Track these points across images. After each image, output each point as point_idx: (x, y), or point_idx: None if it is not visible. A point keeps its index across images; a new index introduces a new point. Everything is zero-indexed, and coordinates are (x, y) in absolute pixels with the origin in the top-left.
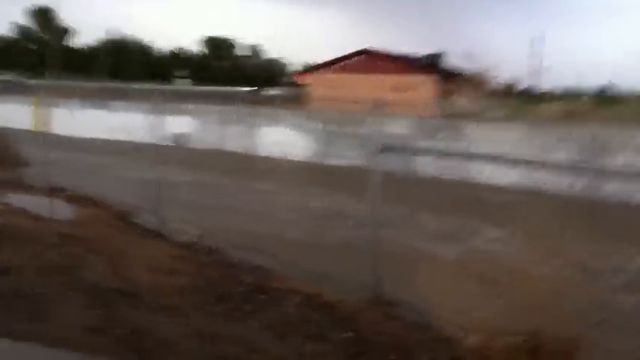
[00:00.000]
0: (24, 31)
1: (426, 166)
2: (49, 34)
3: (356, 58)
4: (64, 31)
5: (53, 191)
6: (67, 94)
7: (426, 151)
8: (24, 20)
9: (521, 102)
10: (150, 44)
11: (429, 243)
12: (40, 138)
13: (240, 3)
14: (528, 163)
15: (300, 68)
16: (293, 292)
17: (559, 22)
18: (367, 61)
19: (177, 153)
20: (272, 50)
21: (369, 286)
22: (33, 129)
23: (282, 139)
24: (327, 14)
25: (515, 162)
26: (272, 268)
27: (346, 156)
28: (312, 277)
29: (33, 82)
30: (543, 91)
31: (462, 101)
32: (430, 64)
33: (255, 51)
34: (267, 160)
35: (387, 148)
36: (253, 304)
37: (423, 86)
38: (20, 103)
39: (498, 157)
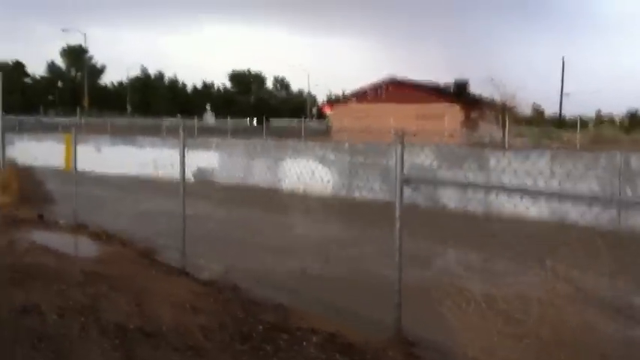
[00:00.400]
0: (57, 71)
1: (450, 197)
2: (81, 72)
3: (381, 88)
4: (95, 70)
5: (78, 228)
6: (97, 131)
7: (450, 183)
8: (59, 60)
9: (549, 128)
10: (177, 80)
11: (453, 278)
12: (68, 175)
13: (265, 37)
14: (554, 194)
15: (325, 99)
16: (314, 331)
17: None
18: (392, 90)
19: (202, 188)
20: (298, 82)
21: (392, 324)
22: (63, 166)
23: (306, 171)
24: (352, 45)
25: (540, 193)
26: (294, 305)
27: (370, 188)
28: (334, 314)
29: (64, 119)
30: (571, 116)
31: (487, 129)
32: (455, 92)
33: (280, 84)
34: (291, 193)
35: (411, 181)
36: (275, 344)
37: (448, 114)
38: (52, 141)
39: (523, 189)
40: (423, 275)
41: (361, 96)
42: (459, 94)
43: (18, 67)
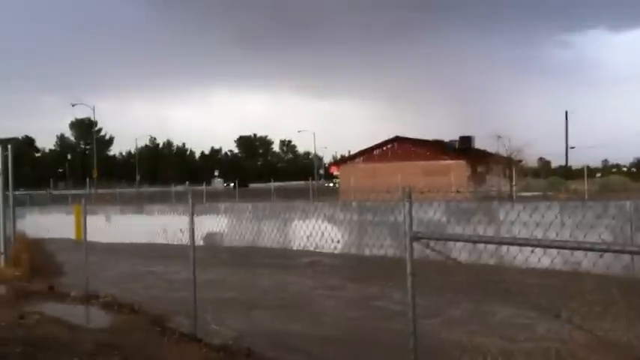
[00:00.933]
0: (66, 144)
1: (461, 251)
2: (90, 144)
3: (387, 147)
4: (104, 141)
5: (89, 298)
6: (106, 201)
7: (459, 238)
8: (69, 133)
9: (556, 179)
10: (185, 148)
11: (469, 334)
12: (78, 246)
13: (272, 102)
14: (564, 245)
15: (332, 160)
16: None
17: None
18: (398, 148)
19: (212, 252)
20: (304, 144)
21: None
22: (73, 237)
23: (316, 231)
24: (358, 106)
25: (550, 245)
26: None
27: (380, 246)
28: None
29: (74, 191)
30: (578, 166)
31: (494, 182)
32: (461, 148)
33: (287, 146)
34: (301, 253)
35: (420, 237)
36: None
37: (455, 170)
38: (62, 213)
39: (533, 241)
40: (438, 331)
41: (368, 155)
42: (464, 149)
43: (28, 142)
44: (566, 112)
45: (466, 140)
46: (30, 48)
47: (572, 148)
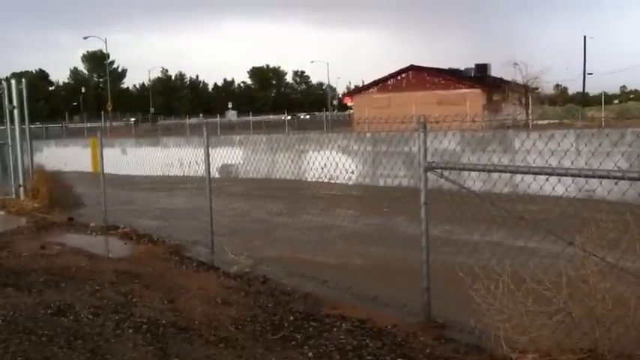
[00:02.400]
0: (80, 77)
1: (475, 180)
2: (103, 77)
3: (401, 76)
4: (116, 74)
5: (108, 229)
6: (121, 134)
7: (474, 168)
8: (82, 67)
9: (573, 106)
10: (198, 80)
11: (481, 261)
12: (95, 178)
13: (285, 32)
14: (579, 173)
15: (346, 90)
16: (344, 318)
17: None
18: (413, 77)
19: (227, 184)
20: (318, 75)
21: (421, 309)
22: (90, 170)
23: (330, 162)
24: (371, 36)
25: (565, 174)
26: (323, 294)
27: (395, 176)
28: (363, 301)
29: (89, 124)
30: (595, 93)
31: (510, 111)
32: (476, 76)
33: (300, 77)
34: (316, 184)
35: (434, 167)
36: (305, 333)
37: (470, 99)
38: (78, 146)
39: (547, 169)
40: (451, 259)
41: (382, 85)
42: (480, 78)
43: (42, 76)
44: (585, 38)
45: (482, 68)
46: None
47: (590, 74)
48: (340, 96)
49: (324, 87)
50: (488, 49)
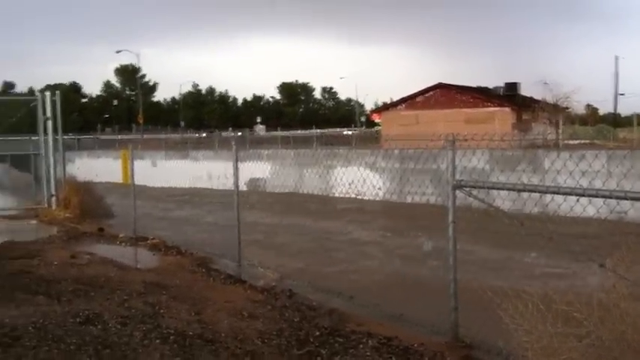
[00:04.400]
0: (112, 90)
1: (504, 199)
2: (135, 90)
3: (430, 94)
4: (148, 87)
5: (137, 240)
6: (151, 147)
7: (502, 186)
8: (114, 80)
9: (604, 126)
10: (228, 95)
11: (510, 281)
12: (126, 189)
13: (314, 48)
14: (610, 194)
15: (374, 107)
16: (370, 335)
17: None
18: (441, 95)
19: (255, 197)
20: (346, 91)
21: (448, 328)
22: (121, 181)
23: (357, 178)
24: (400, 53)
25: (596, 195)
26: (349, 310)
27: (422, 193)
28: (389, 318)
29: (120, 136)
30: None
31: (540, 130)
32: (506, 95)
33: (328, 93)
34: (343, 200)
35: (462, 185)
36: (331, 348)
37: (500, 117)
38: (109, 158)
39: (578, 190)
40: (478, 278)
41: (410, 102)
42: (509, 96)
43: (75, 88)
44: (616, 58)
45: (512, 87)
46: None
47: (622, 95)
48: (368, 112)
49: (352, 103)
50: (519, 67)
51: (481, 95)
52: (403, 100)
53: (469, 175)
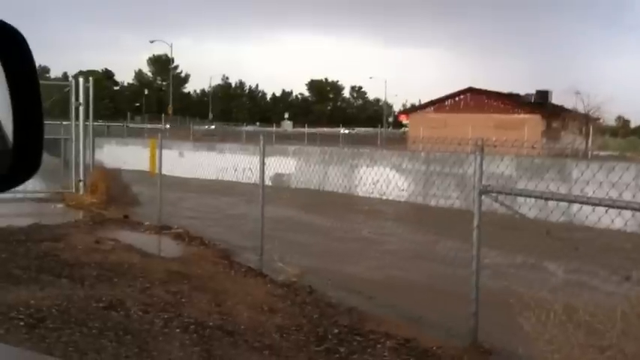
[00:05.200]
0: (144, 79)
1: (530, 208)
2: (166, 81)
3: (459, 97)
4: (179, 78)
5: (161, 229)
6: (180, 137)
7: (530, 193)
8: (146, 69)
9: (635, 139)
10: (257, 89)
11: (532, 288)
12: (152, 178)
13: (344, 47)
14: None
15: (402, 108)
16: (388, 335)
17: None
18: (471, 99)
19: (280, 192)
20: (375, 91)
21: (467, 333)
22: (148, 170)
23: (382, 179)
24: (432, 55)
25: (626, 206)
26: (369, 309)
27: (447, 197)
28: (408, 320)
29: (149, 126)
30: None
31: (570, 140)
32: (537, 102)
33: (357, 92)
34: (366, 200)
35: (489, 190)
36: (349, 347)
37: (529, 125)
38: (138, 146)
39: (607, 201)
40: (501, 284)
41: (439, 105)
42: (540, 104)
43: (108, 75)
44: None
45: (543, 95)
46: None
47: None
48: (396, 113)
49: (380, 103)
50: (550, 75)
51: (511, 101)
52: (432, 103)
53: (496, 182)
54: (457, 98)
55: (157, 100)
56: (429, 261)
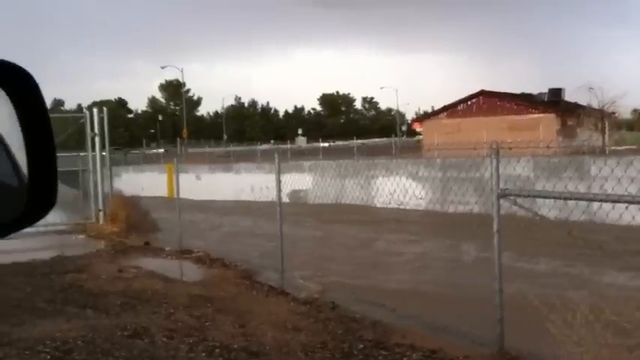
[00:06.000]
0: (157, 105)
1: (550, 209)
2: (179, 105)
3: (472, 101)
4: (192, 102)
5: (182, 253)
6: (195, 160)
7: (548, 194)
8: (159, 95)
9: None
10: (269, 107)
11: (557, 291)
12: (171, 203)
13: (353, 59)
14: None
15: (415, 116)
16: (414, 348)
17: None
18: (483, 103)
19: (297, 208)
20: (387, 101)
21: (494, 340)
22: (166, 194)
23: (399, 188)
24: (441, 61)
25: None
26: (393, 322)
27: (465, 202)
28: (433, 330)
29: (164, 150)
30: None
31: (586, 136)
32: (550, 101)
33: (369, 103)
34: (384, 210)
35: (507, 193)
36: None
37: (544, 124)
38: (155, 172)
39: (626, 197)
40: (524, 288)
41: (452, 111)
42: (553, 102)
43: (121, 103)
44: None
45: (556, 93)
46: (121, 15)
47: None
48: (409, 121)
49: (392, 113)
50: (563, 73)
51: (524, 102)
52: (445, 109)
53: (513, 184)
54: (469, 102)
55: (172, 124)
56: (450, 269)
